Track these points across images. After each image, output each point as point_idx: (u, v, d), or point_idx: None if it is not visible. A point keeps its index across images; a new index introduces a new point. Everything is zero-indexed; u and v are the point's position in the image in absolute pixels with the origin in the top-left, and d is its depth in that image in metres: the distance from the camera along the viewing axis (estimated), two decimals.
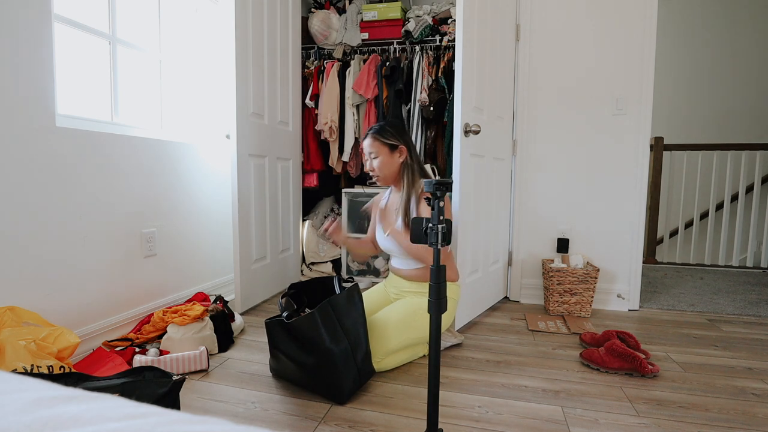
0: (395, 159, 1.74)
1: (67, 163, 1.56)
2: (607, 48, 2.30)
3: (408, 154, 1.75)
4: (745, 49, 4.02)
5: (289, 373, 1.45)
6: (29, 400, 0.37)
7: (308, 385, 1.42)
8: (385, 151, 1.73)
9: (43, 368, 1.16)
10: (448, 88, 2.59)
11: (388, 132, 1.74)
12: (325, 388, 1.37)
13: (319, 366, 1.34)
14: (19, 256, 1.41)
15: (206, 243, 2.34)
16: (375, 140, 1.73)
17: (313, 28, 2.82)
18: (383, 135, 1.73)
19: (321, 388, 1.38)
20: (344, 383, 1.34)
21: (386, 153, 1.73)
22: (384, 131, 1.74)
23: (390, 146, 1.73)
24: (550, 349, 1.80)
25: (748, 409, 1.34)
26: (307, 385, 1.42)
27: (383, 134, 1.73)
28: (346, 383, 1.35)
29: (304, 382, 1.42)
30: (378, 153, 1.73)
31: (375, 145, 1.73)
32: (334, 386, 1.34)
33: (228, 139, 2.14)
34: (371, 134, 1.75)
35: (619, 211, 2.35)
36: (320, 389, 1.38)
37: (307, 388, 1.42)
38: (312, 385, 1.40)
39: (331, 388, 1.35)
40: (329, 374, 1.34)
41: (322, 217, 3.10)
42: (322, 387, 1.37)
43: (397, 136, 1.74)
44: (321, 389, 1.38)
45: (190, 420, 0.34)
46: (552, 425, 1.24)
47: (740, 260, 3.61)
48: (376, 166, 1.74)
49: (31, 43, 1.42)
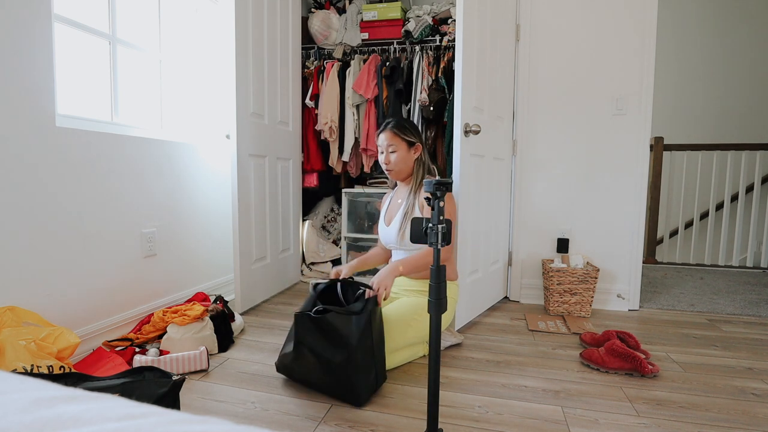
0: (411, 155, 1.80)
1: (67, 163, 1.56)
2: (607, 48, 2.30)
3: (422, 152, 1.82)
4: (746, 49, 4.02)
5: (306, 372, 1.41)
6: (29, 400, 0.37)
7: (325, 386, 1.38)
8: (403, 146, 1.78)
9: (43, 368, 1.16)
10: (448, 88, 2.60)
11: (407, 128, 1.79)
12: (343, 389, 1.34)
13: (345, 364, 1.31)
14: (19, 256, 1.41)
15: (206, 243, 2.34)
16: (395, 135, 1.77)
17: (313, 28, 2.82)
18: (403, 131, 1.77)
19: (339, 389, 1.35)
20: (363, 386, 1.33)
21: (404, 148, 1.78)
22: (403, 127, 1.78)
23: (408, 142, 1.78)
24: (550, 349, 1.80)
25: (748, 409, 1.34)
26: (324, 385, 1.38)
27: (403, 130, 1.78)
28: (365, 386, 1.34)
29: (322, 382, 1.38)
30: (397, 147, 1.77)
31: (395, 140, 1.77)
32: (354, 388, 1.32)
33: (228, 139, 2.14)
34: (391, 128, 1.78)
35: (619, 211, 2.35)
36: (338, 390, 1.35)
37: (323, 389, 1.39)
38: (330, 386, 1.36)
39: (351, 390, 1.32)
40: (353, 373, 1.31)
41: (322, 217, 3.10)
42: (341, 387, 1.34)
43: (415, 133, 1.80)
44: (339, 390, 1.35)
45: (190, 420, 0.34)
46: (552, 425, 1.24)
47: (740, 260, 3.61)
48: (393, 159, 1.78)
49: (31, 43, 1.42)
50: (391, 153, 1.78)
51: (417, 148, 1.80)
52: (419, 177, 1.79)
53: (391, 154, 1.78)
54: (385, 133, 1.79)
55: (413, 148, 1.80)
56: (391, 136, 1.77)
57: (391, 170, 1.80)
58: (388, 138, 1.77)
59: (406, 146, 1.78)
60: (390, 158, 1.78)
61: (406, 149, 1.78)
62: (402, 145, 1.77)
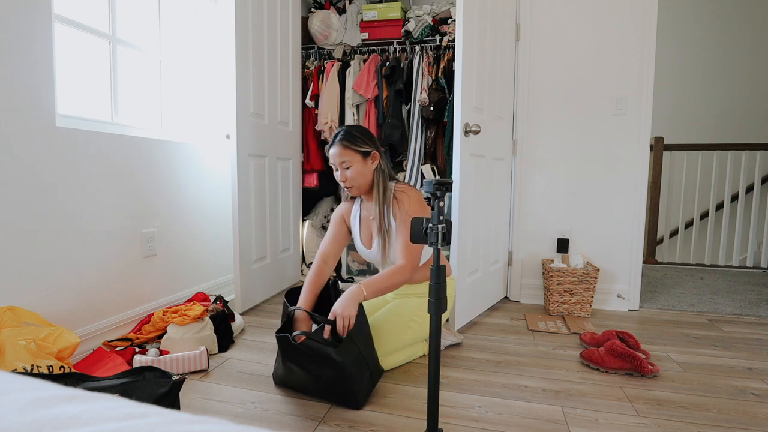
0: (369, 166, 1.59)
1: (67, 163, 1.56)
2: (608, 48, 2.30)
3: (380, 160, 1.62)
4: (746, 49, 4.02)
5: (301, 383, 1.40)
6: (29, 400, 0.37)
7: (322, 393, 1.37)
8: (358, 158, 1.57)
9: (43, 368, 1.16)
10: (448, 88, 2.60)
11: (358, 138, 1.57)
12: (339, 397, 1.34)
13: (334, 378, 1.31)
14: (19, 256, 1.41)
15: (206, 243, 2.34)
16: (345, 148, 1.55)
17: (313, 28, 2.82)
18: (354, 141, 1.56)
19: (336, 397, 1.35)
20: (360, 390, 1.33)
21: (359, 160, 1.57)
22: (354, 137, 1.57)
23: (362, 153, 1.57)
24: (550, 349, 1.80)
25: (748, 409, 1.34)
26: (321, 392, 1.37)
27: (354, 141, 1.56)
28: (361, 389, 1.33)
29: (317, 392, 1.38)
30: (351, 162, 1.56)
31: (347, 153, 1.55)
32: (351, 393, 1.32)
33: (228, 139, 2.14)
34: (339, 141, 1.57)
35: (619, 211, 2.35)
36: (335, 397, 1.35)
37: (321, 395, 1.38)
38: (327, 393, 1.36)
39: (347, 395, 1.32)
40: (346, 384, 1.31)
41: (322, 217, 3.10)
42: (337, 396, 1.34)
43: (368, 141, 1.59)
44: (335, 397, 1.35)
45: (190, 420, 0.34)
46: (552, 425, 1.24)
47: (740, 260, 3.61)
48: (349, 175, 1.57)
49: (31, 43, 1.42)
50: (346, 169, 1.57)
51: (374, 156, 1.59)
52: (381, 186, 1.60)
53: (347, 170, 1.56)
54: (334, 147, 1.57)
55: (369, 158, 1.58)
56: (342, 150, 1.55)
57: (351, 187, 1.59)
58: (338, 154, 1.56)
59: (361, 158, 1.57)
60: (346, 174, 1.57)
61: (361, 161, 1.57)
62: (356, 157, 1.56)
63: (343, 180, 1.59)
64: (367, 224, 1.70)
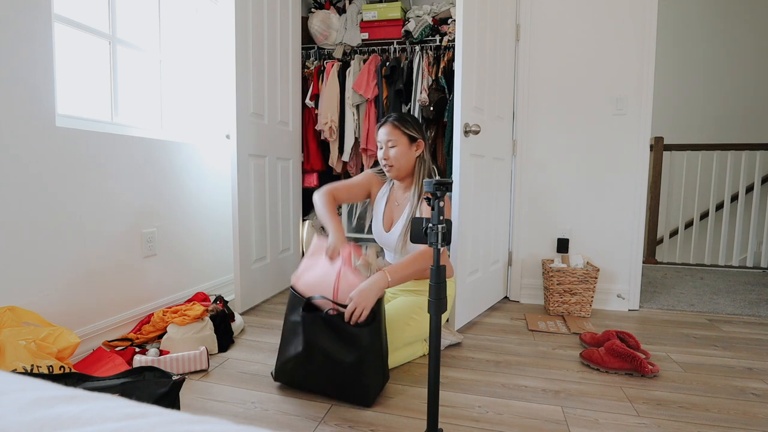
0: (412, 152, 1.66)
1: (67, 163, 1.56)
2: (607, 48, 2.30)
3: (424, 150, 1.69)
4: (745, 49, 4.02)
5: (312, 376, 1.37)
6: (29, 400, 0.37)
7: (331, 388, 1.36)
8: (404, 141, 1.64)
9: (43, 368, 1.16)
10: (448, 88, 2.60)
11: (408, 122, 1.66)
12: (352, 390, 1.33)
13: (356, 364, 1.30)
14: (19, 256, 1.41)
15: (206, 243, 2.34)
16: (395, 128, 1.64)
17: (313, 28, 2.82)
18: (404, 125, 1.64)
19: (347, 390, 1.33)
20: (373, 385, 1.33)
21: (405, 143, 1.64)
22: (405, 121, 1.65)
23: (410, 137, 1.65)
24: (550, 349, 1.80)
25: (748, 409, 1.34)
26: (331, 387, 1.36)
27: (405, 123, 1.65)
28: (374, 385, 1.34)
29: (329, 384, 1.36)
30: (397, 142, 1.63)
31: (395, 133, 1.63)
32: (363, 388, 1.31)
33: (228, 139, 2.13)
34: (391, 121, 1.65)
35: (619, 211, 2.35)
36: (346, 390, 1.33)
37: (328, 391, 1.37)
38: (338, 387, 1.34)
39: (360, 390, 1.32)
40: (362, 376, 1.30)
41: None
42: (350, 390, 1.33)
43: (417, 128, 1.67)
44: (347, 390, 1.33)
45: (190, 420, 0.34)
46: (552, 425, 1.24)
47: (740, 260, 3.61)
48: (392, 155, 1.64)
49: (31, 43, 1.42)
50: (390, 148, 1.64)
51: (419, 144, 1.67)
52: (421, 177, 1.65)
53: (391, 149, 1.64)
54: (385, 126, 1.66)
55: (415, 144, 1.66)
56: (392, 129, 1.64)
57: (391, 166, 1.65)
58: (387, 132, 1.64)
59: (407, 141, 1.64)
60: (389, 153, 1.64)
61: (407, 144, 1.64)
62: (403, 139, 1.64)
63: (386, 158, 1.65)
64: (392, 207, 1.75)
